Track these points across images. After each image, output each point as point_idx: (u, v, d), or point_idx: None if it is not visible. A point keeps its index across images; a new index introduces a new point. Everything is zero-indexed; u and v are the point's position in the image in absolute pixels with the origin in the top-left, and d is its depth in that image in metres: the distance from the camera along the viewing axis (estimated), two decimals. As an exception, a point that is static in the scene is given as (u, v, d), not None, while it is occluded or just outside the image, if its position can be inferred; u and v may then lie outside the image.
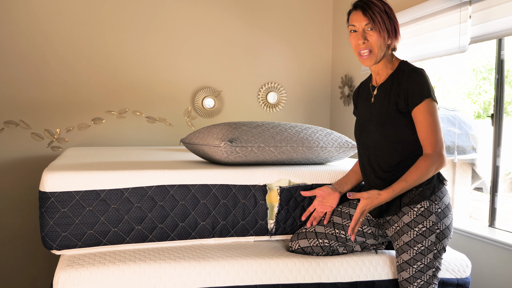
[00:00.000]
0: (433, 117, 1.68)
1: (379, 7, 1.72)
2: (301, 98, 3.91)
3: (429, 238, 1.70)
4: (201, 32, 3.63)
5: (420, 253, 1.71)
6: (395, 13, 1.81)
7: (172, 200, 1.86)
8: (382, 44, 1.74)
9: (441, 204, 1.73)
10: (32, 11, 3.25)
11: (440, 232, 1.71)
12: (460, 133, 3.58)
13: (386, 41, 1.74)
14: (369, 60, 1.76)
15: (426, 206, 1.71)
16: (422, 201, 1.72)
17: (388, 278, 1.88)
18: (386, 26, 1.72)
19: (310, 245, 1.89)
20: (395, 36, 1.76)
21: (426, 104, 1.68)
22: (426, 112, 1.68)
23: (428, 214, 1.71)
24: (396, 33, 1.77)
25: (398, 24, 1.78)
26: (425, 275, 1.72)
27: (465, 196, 3.70)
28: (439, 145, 1.68)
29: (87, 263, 1.67)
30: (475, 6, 2.36)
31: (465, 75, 4.08)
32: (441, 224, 1.71)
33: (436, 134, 1.69)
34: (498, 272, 2.32)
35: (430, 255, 1.71)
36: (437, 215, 1.71)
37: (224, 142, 1.92)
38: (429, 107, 1.69)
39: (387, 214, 1.80)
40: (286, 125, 2.13)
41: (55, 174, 1.74)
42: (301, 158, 2.12)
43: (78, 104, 3.38)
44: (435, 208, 1.71)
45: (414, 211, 1.72)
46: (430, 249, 1.71)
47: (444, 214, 1.73)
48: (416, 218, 1.72)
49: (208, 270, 1.72)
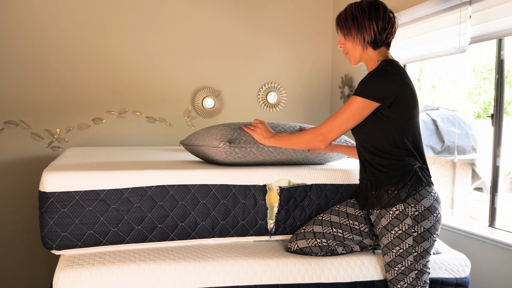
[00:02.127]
0: (346, 109, 1.76)
1: (346, 14, 1.85)
2: (301, 98, 3.91)
3: (406, 241, 1.70)
4: (201, 32, 3.63)
5: (399, 256, 1.72)
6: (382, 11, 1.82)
7: (172, 200, 1.86)
8: (353, 45, 1.86)
9: (419, 207, 1.71)
10: (32, 11, 3.25)
11: (418, 235, 1.70)
12: (460, 133, 3.58)
13: (355, 41, 1.84)
14: (350, 61, 1.91)
15: (401, 209, 1.71)
16: (397, 204, 1.72)
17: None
18: (351, 29, 1.84)
19: (309, 246, 1.89)
20: (359, 31, 1.82)
21: (353, 98, 1.76)
22: (348, 103, 1.77)
23: (403, 217, 1.71)
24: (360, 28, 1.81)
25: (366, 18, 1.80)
26: (407, 277, 1.72)
27: (465, 196, 3.70)
28: (327, 128, 1.79)
29: (87, 263, 1.67)
30: (475, 6, 2.36)
31: (465, 75, 4.08)
32: (418, 227, 1.70)
33: (334, 120, 1.78)
34: (498, 272, 2.32)
35: (410, 257, 1.71)
36: (413, 218, 1.70)
37: (223, 143, 1.93)
38: (353, 102, 1.75)
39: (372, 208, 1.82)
40: (286, 125, 2.13)
41: (55, 174, 1.74)
42: (300, 158, 2.11)
43: (78, 104, 3.38)
44: (411, 211, 1.70)
45: (389, 214, 1.73)
46: (409, 252, 1.71)
47: (423, 217, 1.70)
48: (392, 221, 1.73)
49: (207, 270, 1.72)
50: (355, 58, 1.88)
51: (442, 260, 1.97)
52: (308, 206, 2.03)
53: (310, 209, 2.03)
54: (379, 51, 1.85)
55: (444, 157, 3.53)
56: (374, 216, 1.82)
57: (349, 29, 1.84)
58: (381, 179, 1.77)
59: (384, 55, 1.85)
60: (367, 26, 1.80)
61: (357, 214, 1.90)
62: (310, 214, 2.03)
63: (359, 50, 1.85)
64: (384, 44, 1.85)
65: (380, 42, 1.82)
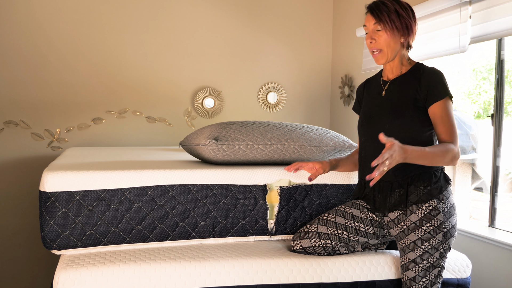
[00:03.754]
0: (452, 114, 1.75)
1: (387, 7, 1.77)
2: (301, 98, 3.91)
3: (437, 236, 1.71)
4: (201, 32, 3.63)
5: (427, 252, 1.72)
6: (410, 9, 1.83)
7: (172, 200, 1.86)
8: (392, 42, 1.78)
9: (448, 203, 1.74)
10: (32, 11, 3.25)
11: (447, 231, 1.72)
12: (460, 133, 3.58)
13: (399, 39, 1.79)
14: (380, 59, 1.81)
15: (434, 205, 1.72)
16: (430, 199, 1.73)
17: (389, 278, 1.88)
18: (395, 25, 1.76)
19: (312, 245, 1.89)
20: (407, 33, 1.80)
21: (447, 100, 1.74)
22: (446, 108, 1.74)
23: (436, 213, 1.72)
24: (408, 30, 1.80)
25: (413, 21, 1.80)
26: (430, 274, 1.73)
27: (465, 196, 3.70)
28: (457, 139, 1.74)
29: (87, 263, 1.67)
30: (475, 6, 2.36)
31: (465, 75, 4.08)
32: (448, 223, 1.73)
33: (455, 128, 1.74)
34: (498, 272, 2.32)
35: (437, 253, 1.72)
36: (444, 214, 1.72)
37: (209, 141, 1.93)
38: (449, 104, 1.74)
39: (394, 209, 1.78)
40: (279, 124, 2.12)
41: (55, 174, 1.74)
42: (295, 157, 2.09)
43: (78, 104, 3.38)
44: (442, 207, 1.72)
45: (422, 210, 1.73)
46: (437, 248, 1.72)
47: (451, 214, 1.74)
48: (424, 217, 1.73)
49: (208, 270, 1.72)
50: (389, 56, 1.80)
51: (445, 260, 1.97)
52: (309, 206, 2.03)
53: (311, 209, 2.03)
54: (406, 53, 1.87)
55: (444, 157, 3.52)
56: (396, 213, 1.78)
57: (393, 25, 1.76)
58: (411, 177, 1.76)
59: (408, 56, 1.88)
60: (413, 27, 1.81)
61: (363, 216, 1.88)
62: (311, 214, 2.03)
63: (397, 49, 1.80)
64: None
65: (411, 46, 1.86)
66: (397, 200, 1.78)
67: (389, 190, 1.80)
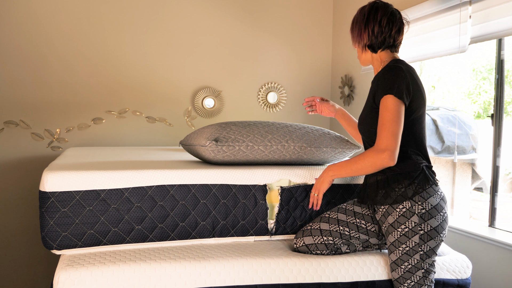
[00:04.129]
0: (389, 113, 1.69)
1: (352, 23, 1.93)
2: (301, 98, 3.91)
3: (412, 239, 1.70)
4: (201, 32, 3.63)
5: (406, 254, 1.72)
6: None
7: (172, 200, 1.86)
8: (357, 50, 1.94)
9: (426, 205, 1.71)
10: (32, 11, 3.25)
11: (424, 233, 1.70)
12: (460, 133, 3.59)
13: (355, 44, 1.93)
14: (359, 62, 1.98)
15: (407, 207, 1.72)
16: (404, 201, 1.72)
17: (389, 278, 1.88)
18: (353, 35, 1.92)
19: (315, 243, 1.89)
20: (358, 36, 1.89)
21: (385, 99, 1.71)
22: (383, 107, 1.72)
23: (410, 215, 1.71)
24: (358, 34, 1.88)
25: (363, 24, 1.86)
26: (414, 275, 1.72)
27: (465, 196, 3.70)
28: (385, 142, 1.69)
29: (87, 263, 1.67)
30: (475, 6, 2.36)
31: (465, 75, 4.08)
32: (425, 225, 1.70)
33: (385, 130, 1.69)
34: (498, 272, 2.32)
35: (417, 256, 1.71)
36: (420, 216, 1.70)
37: (210, 142, 1.93)
38: (387, 103, 1.70)
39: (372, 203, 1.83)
40: (279, 125, 2.12)
41: (55, 174, 1.74)
42: (295, 158, 2.09)
43: (78, 104, 3.38)
44: (418, 209, 1.70)
45: (396, 212, 1.73)
46: (415, 250, 1.71)
47: (430, 215, 1.70)
48: (399, 219, 1.73)
49: (208, 269, 1.72)
50: (361, 60, 1.95)
51: (443, 261, 1.97)
52: (308, 206, 2.02)
53: (311, 209, 2.03)
54: (385, 54, 1.87)
55: (444, 157, 3.53)
56: (379, 214, 1.82)
57: (352, 33, 1.92)
58: (389, 177, 1.77)
59: (392, 57, 1.87)
60: (363, 30, 1.86)
61: (364, 213, 1.90)
62: (311, 214, 2.03)
63: (360, 52, 1.93)
64: (387, 47, 1.86)
65: (378, 46, 1.85)
66: (381, 199, 1.80)
67: (379, 188, 1.81)
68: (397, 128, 1.69)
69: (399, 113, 1.69)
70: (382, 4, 1.86)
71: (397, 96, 1.69)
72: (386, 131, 1.69)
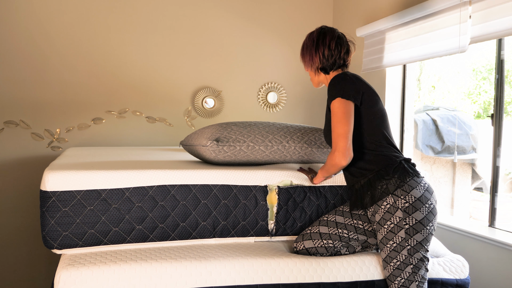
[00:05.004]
0: (335, 116, 1.78)
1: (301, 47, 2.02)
2: (301, 98, 3.91)
3: (398, 234, 1.71)
4: (201, 32, 3.63)
5: (394, 250, 1.72)
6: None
7: (173, 200, 1.86)
8: (310, 73, 2.02)
9: (409, 198, 1.70)
10: (33, 11, 3.25)
11: (409, 227, 1.69)
12: (460, 133, 3.59)
13: (307, 68, 2.00)
14: (312, 84, 2.08)
15: (391, 202, 1.72)
16: (386, 197, 1.73)
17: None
18: (305, 60, 2.01)
19: (315, 246, 1.90)
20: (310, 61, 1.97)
21: (333, 104, 1.79)
22: (332, 112, 1.80)
23: (393, 210, 1.71)
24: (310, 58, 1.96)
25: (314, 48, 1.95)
26: (403, 272, 1.72)
27: (465, 196, 3.70)
28: (334, 144, 1.78)
29: (88, 262, 1.67)
30: (475, 6, 2.36)
31: (465, 75, 4.09)
32: (410, 219, 1.70)
33: (334, 133, 1.78)
34: (498, 272, 2.32)
35: (404, 251, 1.71)
36: (403, 210, 1.70)
37: (211, 142, 1.94)
38: (334, 107, 1.79)
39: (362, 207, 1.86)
40: (280, 125, 2.13)
41: (56, 174, 1.74)
42: (296, 158, 2.10)
43: (78, 104, 3.38)
44: (401, 203, 1.70)
45: (381, 209, 1.75)
46: (402, 245, 1.71)
47: (414, 208, 1.70)
48: (384, 216, 1.74)
49: (209, 269, 1.72)
50: (314, 82, 2.03)
51: (441, 261, 1.97)
52: (308, 207, 2.03)
53: (310, 210, 2.03)
54: (336, 73, 1.95)
55: (444, 157, 3.53)
56: (369, 215, 1.85)
57: (303, 58, 2.01)
58: (371, 178, 1.79)
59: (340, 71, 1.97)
60: (314, 55, 1.94)
61: (361, 214, 1.91)
62: (310, 215, 2.03)
63: (313, 75, 2.00)
64: (339, 67, 1.95)
65: (330, 68, 1.94)
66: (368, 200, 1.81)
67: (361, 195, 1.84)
68: (343, 128, 1.76)
69: (345, 114, 1.76)
70: (328, 29, 1.96)
71: (345, 97, 1.76)
72: (334, 133, 1.78)
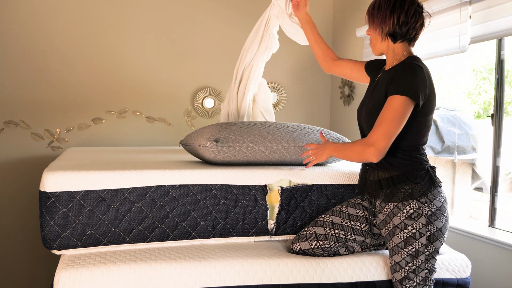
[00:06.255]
0: (391, 112, 1.65)
1: (371, 5, 1.82)
2: (301, 98, 3.91)
3: (420, 240, 1.70)
4: (201, 32, 3.63)
5: (411, 255, 1.71)
6: None
7: (173, 200, 1.86)
8: (372, 34, 1.83)
9: (432, 206, 1.71)
10: (33, 11, 3.25)
11: (431, 234, 1.70)
12: (460, 133, 3.59)
13: (375, 31, 1.81)
14: (372, 49, 1.88)
15: (415, 208, 1.71)
16: (411, 202, 1.71)
17: (388, 278, 1.88)
18: (374, 21, 1.80)
19: (311, 247, 1.89)
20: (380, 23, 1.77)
21: (395, 98, 1.66)
22: (389, 104, 1.67)
23: (417, 216, 1.70)
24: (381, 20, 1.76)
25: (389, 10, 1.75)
26: (417, 276, 1.72)
27: (465, 196, 3.70)
28: (374, 138, 1.67)
29: (87, 263, 1.67)
30: (475, 6, 2.36)
31: (465, 75, 4.09)
32: (432, 226, 1.70)
33: (381, 127, 1.66)
34: (498, 272, 2.32)
35: (422, 257, 1.71)
36: (427, 218, 1.70)
37: (210, 142, 1.93)
38: (394, 101, 1.66)
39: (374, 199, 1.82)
40: (280, 125, 2.12)
41: (55, 174, 1.74)
42: (295, 158, 2.09)
43: (78, 104, 3.38)
44: (425, 210, 1.70)
45: (403, 213, 1.72)
46: (421, 251, 1.71)
47: (436, 217, 1.71)
48: (406, 220, 1.72)
49: (208, 270, 1.72)
50: (376, 48, 1.85)
51: (443, 261, 1.97)
52: (309, 206, 2.03)
53: (311, 209, 2.03)
54: (402, 46, 1.79)
55: (444, 157, 3.53)
56: (383, 214, 1.79)
57: (372, 18, 1.80)
58: (394, 177, 1.75)
59: (408, 51, 1.80)
60: (388, 17, 1.75)
61: (359, 215, 1.89)
62: (311, 214, 2.03)
63: (378, 40, 1.81)
64: (407, 40, 1.79)
65: (400, 36, 1.77)
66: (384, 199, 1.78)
67: (375, 189, 1.80)
68: (394, 129, 1.66)
69: (402, 114, 1.65)
70: None
71: (413, 98, 1.65)
72: (381, 128, 1.66)
